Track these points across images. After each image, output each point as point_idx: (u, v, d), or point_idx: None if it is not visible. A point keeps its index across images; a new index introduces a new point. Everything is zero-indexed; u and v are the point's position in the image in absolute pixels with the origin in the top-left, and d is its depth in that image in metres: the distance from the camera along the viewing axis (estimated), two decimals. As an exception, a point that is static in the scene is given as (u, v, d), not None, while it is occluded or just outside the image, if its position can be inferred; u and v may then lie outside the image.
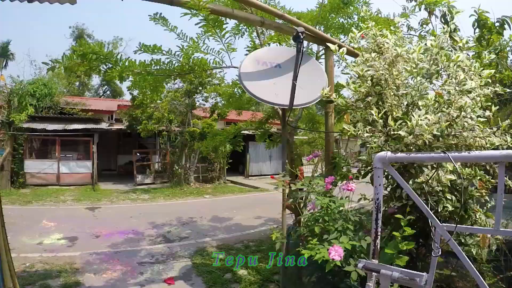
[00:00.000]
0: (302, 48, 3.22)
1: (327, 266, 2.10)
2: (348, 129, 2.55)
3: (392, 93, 2.69)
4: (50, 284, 4.64)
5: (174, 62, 3.71)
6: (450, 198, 2.58)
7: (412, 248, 2.29)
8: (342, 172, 3.41)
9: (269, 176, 20.32)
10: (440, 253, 1.78)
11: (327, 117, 3.97)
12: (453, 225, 1.75)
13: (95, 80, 38.00)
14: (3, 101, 15.00)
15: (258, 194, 14.46)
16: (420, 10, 4.50)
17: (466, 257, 1.71)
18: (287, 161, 3.71)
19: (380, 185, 1.96)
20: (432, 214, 1.81)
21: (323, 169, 6.74)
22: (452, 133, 2.34)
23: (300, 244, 2.89)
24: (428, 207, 1.86)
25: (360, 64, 2.81)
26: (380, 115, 2.53)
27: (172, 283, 4.77)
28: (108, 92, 38.60)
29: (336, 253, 2.03)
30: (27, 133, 14.46)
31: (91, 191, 13.96)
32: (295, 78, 3.00)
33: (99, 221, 8.98)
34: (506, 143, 2.48)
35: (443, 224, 1.80)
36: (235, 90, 5.41)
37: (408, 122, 2.31)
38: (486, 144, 2.42)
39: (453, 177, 2.43)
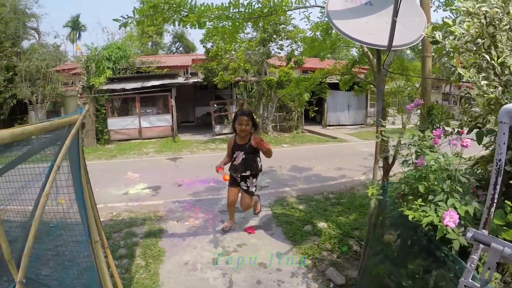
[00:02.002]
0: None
1: (439, 233, 1.80)
2: (464, 74, 2.12)
3: (506, 36, 2.20)
4: (135, 232, 4.88)
5: (253, 3, 3.41)
6: None
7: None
8: (442, 126, 2.97)
9: (347, 126, 20.05)
10: None
11: (424, 61, 3.48)
12: None
13: (167, 38, 38.98)
14: (82, 68, 16.10)
15: (337, 144, 14.08)
16: None
17: None
18: (378, 113, 3.34)
19: (504, 143, 1.63)
20: None
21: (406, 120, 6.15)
22: None
23: (396, 202, 2.59)
24: None
25: (471, 0, 2.31)
26: (499, 60, 2.08)
27: (252, 232, 4.77)
28: (181, 49, 39.41)
29: (451, 219, 1.72)
30: (107, 94, 15.46)
31: (171, 143, 14.58)
32: (395, 13, 2.56)
33: (181, 170, 9.33)
34: None
35: None
36: (318, 33, 4.98)
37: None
38: None
39: None
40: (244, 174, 4.54)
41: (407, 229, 2.46)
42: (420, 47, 4.62)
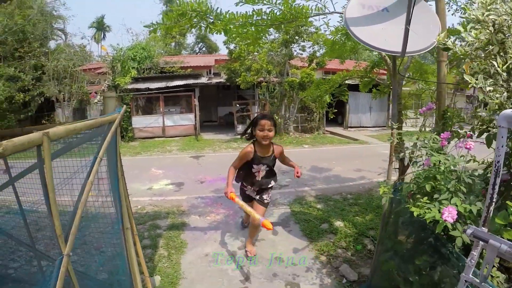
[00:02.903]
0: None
1: (438, 227, 1.95)
2: (470, 81, 2.24)
3: None
4: (159, 224, 5.14)
5: (275, 11, 3.61)
6: None
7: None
8: (455, 130, 3.08)
9: (369, 128, 19.97)
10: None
11: (439, 66, 3.58)
12: None
13: (190, 38, 39.55)
14: (108, 67, 16.80)
15: (358, 146, 14.11)
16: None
17: None
18: (394, 115, 3.47)
19: (502, 146, 1.71)
20: None
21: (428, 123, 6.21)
22: None
23: (406, 201, 2.72)
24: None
25: (480, 8, 2.41)
26: (505, 67, 2.18)
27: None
28: (203, 49, 39.99)
29: (449, 214, 1.87)
30: (132, 93, 15.98)
31: (194, 141, 14.94)
32: (408, 22, 2.71)
33: (203, 168, 9.62)
34: None
35: None
36: (338, 37, 5.13)
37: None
38: None
39: None
40: (269, 186, 4.07)
41: (415, 227, 2.58)
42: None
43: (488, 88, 2.22)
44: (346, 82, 5.77)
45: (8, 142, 0.90)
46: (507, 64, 2.24)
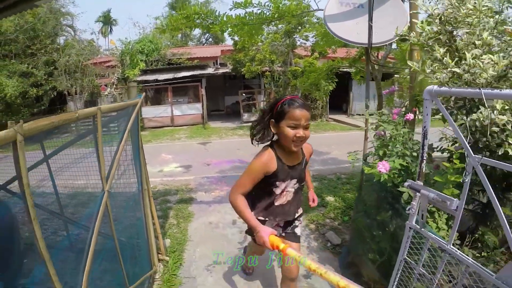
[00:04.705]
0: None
1: (376, 177, 2.49)
2: (412, 65, 2.75)
3: (464, 31, 2.76)
4: (169, 199, 5.81)
5: (265, 12, 4.19)
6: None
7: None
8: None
9: (373, 116, 20.06)
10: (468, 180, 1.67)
11: (411, 54, 4.10)
12: (486, 158, 1.57)
13: (196, 29, 39.71)
14: (117, 61, 17.44)
15: (359, 132, 14.30)
16: None
17: (492, 192, 1.48)
18: (367, 98, 4.01)
19: (427, 114, 1.99)
20: (467, 145, 1.69)
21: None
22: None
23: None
24: (467, 141, 1.73)
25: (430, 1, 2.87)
26: (442, 52, 2.68)
27: None
28: (210, 39, 40.23)
29: (383, 167, 2.41)
30: (141, 84, 16.57)
31: (201, 130, 15.57)
32: (370, 18, 3.27)
33: (210, 153, 10.29)
34: None
35: (476, 155, 1.62)
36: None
37: (467, 60, 2.37)
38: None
39: (505, 118, 2.18)
40: (297, 215, 2.49)
41: (377, 188, 3.12)
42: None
43: (428, 70, 2.73)
44: (348, 70, 6.22)
45: (80, 111, 1.49)
46: (444, 50, 2.73)
